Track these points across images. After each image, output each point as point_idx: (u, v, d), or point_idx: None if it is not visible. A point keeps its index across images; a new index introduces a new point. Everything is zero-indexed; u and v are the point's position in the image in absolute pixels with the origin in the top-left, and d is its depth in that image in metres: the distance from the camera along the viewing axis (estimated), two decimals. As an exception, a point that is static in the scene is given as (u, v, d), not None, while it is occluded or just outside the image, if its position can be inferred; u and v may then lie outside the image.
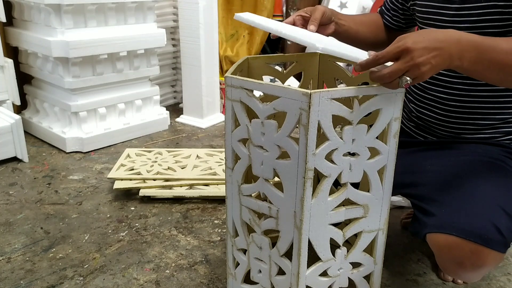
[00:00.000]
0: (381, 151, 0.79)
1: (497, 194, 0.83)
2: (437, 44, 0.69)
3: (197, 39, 2.09)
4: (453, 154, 0.96)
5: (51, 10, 1.69)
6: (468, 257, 0.78)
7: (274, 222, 0.82)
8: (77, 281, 1.08)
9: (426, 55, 0.68)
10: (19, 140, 1.70)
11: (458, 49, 0.70)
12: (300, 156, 0.73)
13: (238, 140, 0.82)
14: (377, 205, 0.84)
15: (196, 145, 1.98)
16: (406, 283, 1.09)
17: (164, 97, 2.42)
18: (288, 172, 0.76)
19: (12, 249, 1.20)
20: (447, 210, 0.82)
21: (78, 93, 1.83)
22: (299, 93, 0.70)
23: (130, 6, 1.89)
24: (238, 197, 0.86)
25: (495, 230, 0.77)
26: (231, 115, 0.81)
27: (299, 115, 0.71)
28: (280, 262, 0.84)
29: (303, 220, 0.76)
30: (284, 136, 0.74)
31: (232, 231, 0.92)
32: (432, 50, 0.68)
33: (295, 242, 0.79)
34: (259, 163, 0.79)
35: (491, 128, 0.95)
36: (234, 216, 0.90)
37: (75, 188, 1.54)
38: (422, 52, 0.67)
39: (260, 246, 0.87)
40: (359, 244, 0.86)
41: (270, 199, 0.81)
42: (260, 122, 0.76)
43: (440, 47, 0.69)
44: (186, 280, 1.09)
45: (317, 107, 0.70)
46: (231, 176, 0.86)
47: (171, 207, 1.43)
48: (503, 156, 0.93)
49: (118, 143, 1.95)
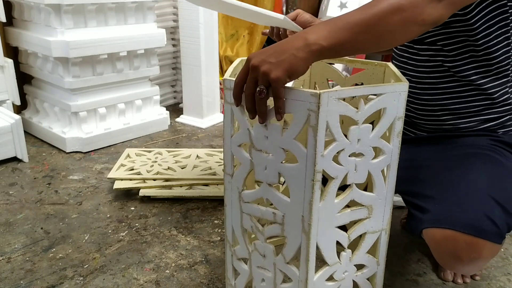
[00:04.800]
0: (385, 150, 0.79)
1: (489, 185, 0.84)
2: (276, 45, 0.68)
3: (197, 39, 2.09)
4: (445, 148, 0.98)
5: (51, 10, 1.69)
6: (464, 249, 0.79)
7: (280, 228, 0.79)
8: (77, 281, 1.08)
9: (262, 57, 0.67)
10: (19, 140, 1.70)
11: (304, 38, 0.67)
12: (309, 158, 0.71)
13: (238, 145, 0.79)
14: (381, 205, 0.83)
15: (196, 145, 1.98)
16: (406, 283, 1.09)
17: (164, 97, 2.42)
18: (295, 175, 0.74)
19: (12, 249, 1.20)
20: (441, 205, 0.83)
21: (78, 93, 1.83)
22: (307, 94, 0.68)
23: (130, 6, 1.89)
24: (238, 204, 0.83)
25: (489, 221, 0.78)
26: (230, 119, 0.79)
27: (307, 116, 0.69)
28: (286, 269, 0.82)
29: (311, 224, 0.75)
30: (291, 138, 0.72)
31: (232, 240, 0.89)
32: (268, 50, 0.68)
33: (303, 248, 0.77)
34: (262, 168, 0.77)
35: (469, 117, 0.97)
36: (234, 224, 0.86)
37: (75, 188, 1.54)
38: (258, 56, 0.67)
39: (263, 254, 0.84)
40: (363, 245, 0.85)
41: (275, 204, 0.78)
42: (264, 125, 0.74)
43: (276, 46, 0.68)
44: (186, 280, 1.09)
45: (325, 107, 0.68)
46: (230, 183, 0.83)
47: (171, 207, 1.43)
48: (492, 145, 0.94)
49: (118, 143, 1.95)
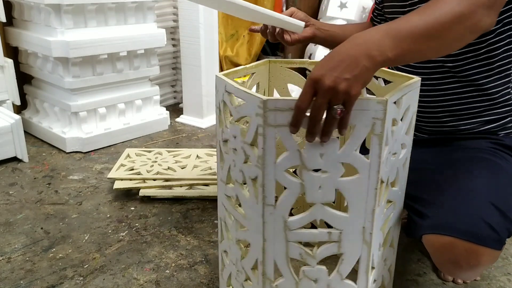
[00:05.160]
0: (407, 145, 0.82)
1: (488, 191, 0.83)
2: (339, 57, 0.62)
3: (197, 39, 2.09)
4: (445, 151, 0.97)
5: (51, 10, 1.69)
6: (463, 256, 0.78)
7: (336, 246, 0.75)
8: (77, 281, 1.08)
9: (335, 74, 0.60)
10: (19, 140, 1.70)
11: (367, 48, 0.63)
12: (372, 167, 0.69)
13: (285, 170, 0.71)
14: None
15: (196, 145, 1.98)
16: (406, 283, 1.09)
17: (164, 97, 2.42)
18: (355, 187, 0.71)
19: (12, 249, 1.20)
20: (441, 211, 0.83)
21: (78, 93, 1.83)
22: (374, 102, 0.65)
23: (130, 6, 1.89)
24: (283, 235, 0.75)
25: (488, 228, 0.77)
26: (273, 144, 0.69)
27: (372, 125, 0.67)
28: (343, 286, 0.79)
29: (373, 233, 0.73)
30: (352, 151, 0.69)
31: (273, 276, 0.79)
32: (337, 65, 0.61)
33: (363, 259, 0.75)
34: (316, 188, 0.71)
35: (470, 118, 0.97)
36: (276, 258, 0.77)
37: (75, 188, 1.54)
38: (329, 74, 0.60)
39: (315, 279, 0.78)
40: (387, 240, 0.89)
41: (330, 222, 0.74)
42: (319, 142, 0.68)
43: (343, 59, 0.62)
44: (186, 280, 1.09)
45: (390, 114, 0.67)
46: (272, 214, 0.73)
47: (171, 207, 1.43)
48: (492, 148, 0.94)
49: (118, 143, 1.96)
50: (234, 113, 0.75)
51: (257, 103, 0.67)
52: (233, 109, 0.75)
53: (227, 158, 0.81)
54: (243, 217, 0.80)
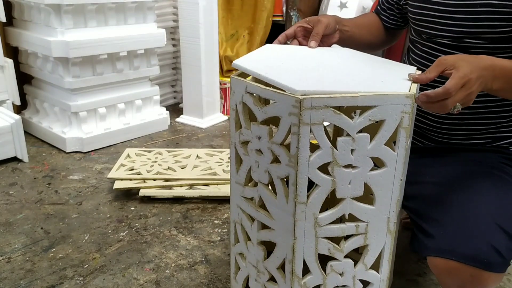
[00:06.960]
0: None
1: (496, 210, 0.81)
2: (481, 72, 0.73)
3: (197, 39, 2.09)
4: (452, 163, 0.95)
5: (51, 10, 1.69)
6: (469, 281, 0.78)
7: (362, 238, 0.78)
8: (77, 281, 1.08)
9: (477, 84, 0.72)
10: (19, 140, 1.70)
11: (492, 75, 0.75)
12: (399, 159, 0.72)
13: (317, 167, 0.72)
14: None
15: (196, 145, 1.98)
16: (406, 283, 1.09)
17: (164, 97, 2.42)
18: (383, 180, 0.73)
19: (12, 249, 1.20)
20: (446, 232, 0.81)
21: (78, 93, 1.83)
22: (402, 96, 0.69)
23: (130, 6, 1.89)
24: (313, 232, 0.76)
25: (494, 253, 0.76)
26: (308, 142, 0.70)
27: (400, 119, 0.70)
28: (367, 276, 0.82)
29: (396, 222, 0.77)
30: (381, 145, 0.71)
31: (301, 273, 0.79)
32: (479, 78, 0.72)
33: (387, 248, 0.79)
34: (346, 183, 0.72)
35: (484, 133, 0.95)
36: (306, 255, 0.77)
37: (75, 188, 1.54)
38: (475, 81, 0.71)
39: (341, 272, 0.80)
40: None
41: (357, 215, 0.76)
42: (351, 139, 0.70)
43: (482, 75, 0.73)
44: (186, 280, 1.09)
45: (414, 108, 0.71)
46: (304, 212, 0.74)
47: (171, 207, 1.43)
48: (502, 163, 0.92)
49: (118, 143, 1.95)
50: (260, 114, 0.75)
51: (292, 103, 0.67)
52: (258, 110, 0.74)
53: (247, 160, 0.80)
54: (267, 218, 0.79)
